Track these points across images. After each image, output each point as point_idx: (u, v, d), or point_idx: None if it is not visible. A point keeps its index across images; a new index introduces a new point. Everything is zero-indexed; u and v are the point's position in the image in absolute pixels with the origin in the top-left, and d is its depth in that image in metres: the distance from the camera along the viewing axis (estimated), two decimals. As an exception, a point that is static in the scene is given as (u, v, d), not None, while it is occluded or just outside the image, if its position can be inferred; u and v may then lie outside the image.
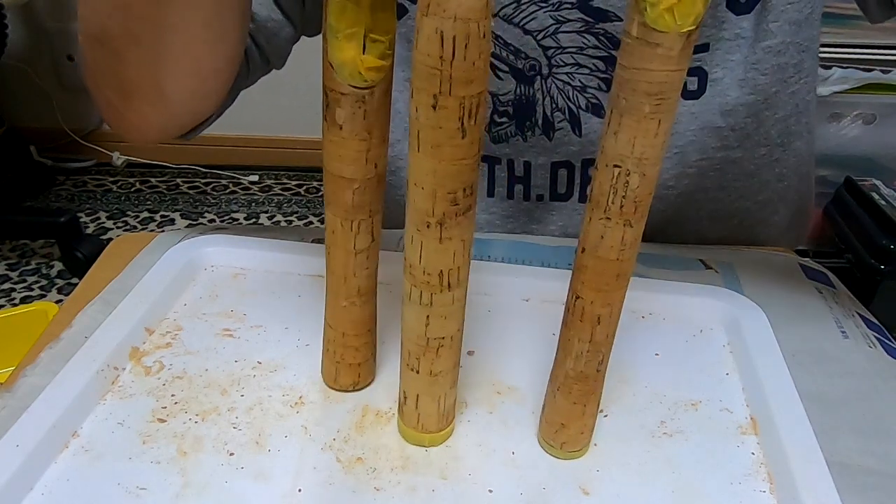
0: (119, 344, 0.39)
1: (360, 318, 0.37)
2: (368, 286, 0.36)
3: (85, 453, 0.34)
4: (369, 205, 0.33)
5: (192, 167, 2.03)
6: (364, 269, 0.35)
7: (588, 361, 0.33)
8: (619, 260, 0.30)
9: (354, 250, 0.34)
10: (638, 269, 0.50)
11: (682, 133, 0.52)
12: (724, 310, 0.44)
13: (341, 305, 0.36)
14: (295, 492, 0.33)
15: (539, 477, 0.34)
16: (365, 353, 0.38)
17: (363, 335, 0.37)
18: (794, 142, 0.56)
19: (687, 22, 0.24)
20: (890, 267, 1.07)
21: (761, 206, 0.58)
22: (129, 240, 0.52)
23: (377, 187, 0.33)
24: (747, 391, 0.39)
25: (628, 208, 0.28)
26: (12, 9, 1.73)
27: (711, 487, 0.34)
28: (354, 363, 0.38)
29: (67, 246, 1.57)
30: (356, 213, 0.33)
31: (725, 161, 0.54)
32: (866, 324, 0.46)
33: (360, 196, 0.32)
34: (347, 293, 0.36)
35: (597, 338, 0.32)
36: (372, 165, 0.32)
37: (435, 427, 0.35)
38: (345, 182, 0.32)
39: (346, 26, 0.28)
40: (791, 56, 0.51)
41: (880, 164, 1.26)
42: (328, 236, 0.34)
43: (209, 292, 0.46)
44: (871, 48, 1.17)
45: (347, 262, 0.35)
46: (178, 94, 0.45)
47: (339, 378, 0.38)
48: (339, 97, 0.30)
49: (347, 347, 0.37)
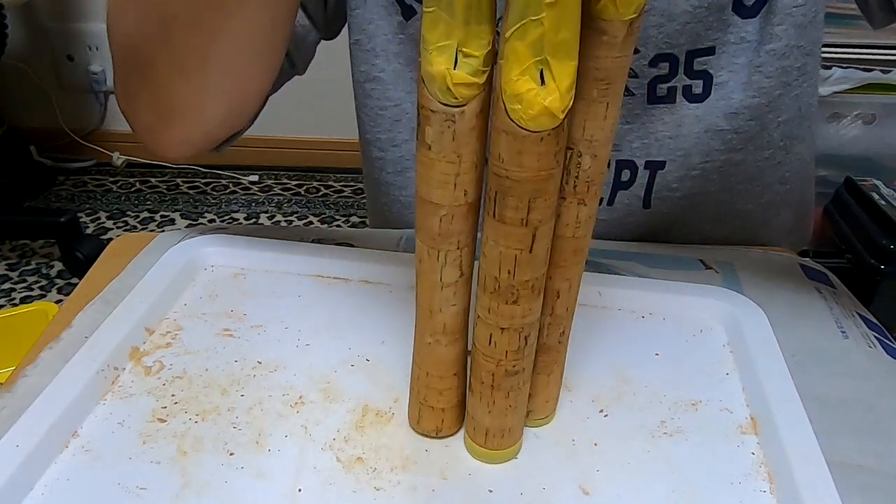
0: (119, 344, 0.39)
1: (444, 359, 0.34)
2: (455, 325, 0.33)
3: (85, 453, 0.34)
4: (458, 235, 0.30)
5: (192, 167, 2.03)
6: (451, 306, 0.33)
7: (550, 334, 0.34)
8: (574, 237, 0.31)
9: (441, 283, 0.32)
10: (638, 269, 0.50)
11: (686, 136, 0.52)
12: (724, 310, 0.44)
13: (426, 342, 0.34)
14: (295, 492, 0.33)
15: (539, 477, 0.34)
16: (450, 398, 0.35)
17: (447, 378, 0.35)
18: (796, 145, 0.56)
19: (629, 11, 0.26)
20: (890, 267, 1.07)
21: (763, 208, 0.58)
22: (129, 240, 0.52)
23: (467, 216, 0.30)
24: (747, 391, 0.39)
25: (581, 188, 0.30)
26: (12, 9, 1.73)
27: (711, 487, 0.34)
28: (438, 407, 0.35)
29: (67, 246, 1.57)
30: (443, 243, 0.31)
31: (728, 164, 0.54)
32: (866, 324, 0.46)
33: (448, 224, 0.30)
34: (433, 329, 0.33)
35: (557, 311, 0.33)
36: (461, 192, 0.29)
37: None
38: (432, 207, 0.30)
39: (438, 39, 0.26)
40: (795, 59, 0.51)
41: (880, 164, 1.26)
42: (416, 265, 0.32)
43: (209, 292, 0.46)
44: (871, 48, 1.17)
45: (433, 296, 0.32)
46: (218, 114, 0.45)
47: (421, 421, 0.36)
48: (429, 114, 0.28)
49: (431, 389, 0.35)
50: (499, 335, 0.31)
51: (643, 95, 0.51)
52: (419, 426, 0.36)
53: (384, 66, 0.55)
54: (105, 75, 1.94)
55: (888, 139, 1.25)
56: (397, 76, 0.55)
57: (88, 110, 2.01)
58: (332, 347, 0.41)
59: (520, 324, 0.31)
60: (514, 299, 0.30)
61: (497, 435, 0.34)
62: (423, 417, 0.36)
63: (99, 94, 1.98)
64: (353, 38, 0.55)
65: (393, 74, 0.55)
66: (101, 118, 2.02)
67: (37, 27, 1.90)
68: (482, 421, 0.34)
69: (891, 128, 1.24)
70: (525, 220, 0.28)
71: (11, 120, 1.88)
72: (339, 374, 0.39)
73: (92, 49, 1.92)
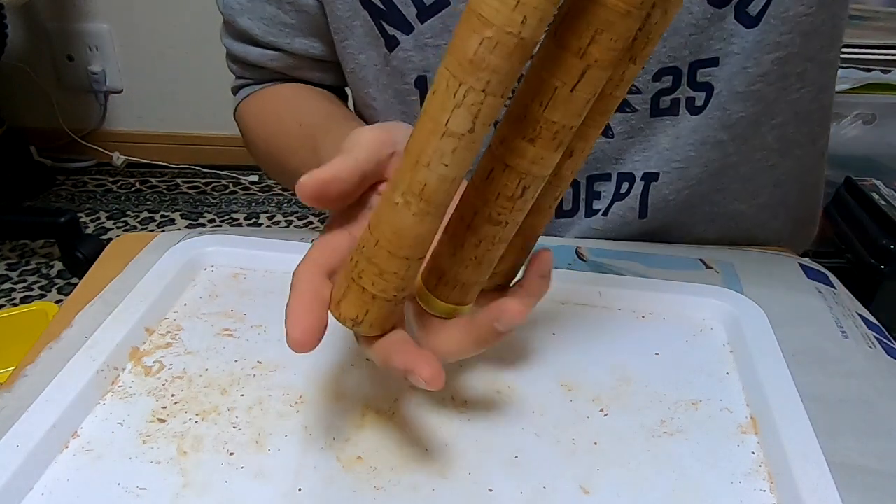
0: (119, 344, 0.39)
1: (406, 230, 0.28)
2: (437, 194, 0.27)
3: (85, 453, 0.34)
4: (492, 73, 0.24)
5: (192, 167, 2.03)
6: (443, 165, 0.26)
7: (546, 194, 0.31)
8: (611, 95, 0.29)
9: (445, 129, 0.26)
10: (638, 269, 0.50)
11: (682, 146, 0.52)
12: (724, 310, 0.44)
13: (393, 201, 0.27)
14: (295, 491, 0.33)
15: (539, 476, 0.34)
16: (387, 287, 0.29)
17: (397, 258, 0.28)
18: (793, 149, 0.56)
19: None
20: (890, 267, 1.07)
21: (758, 209, 0.57)
22: (129, 240, 0.52)
23: (512, 55, 0.24)
24: (747, 391, 0.39)
25: (640, 42, 0.28)
26: (12, 9, 1.73)
27: (711, 487, 0.34)
28: (369, 291, 0.29)
29: (67, 246, 1.57)
30: (470, 76, 0.24)
31: (724, 165, 0.54)
32: (866, 324, 0.46)
33: (487, 52, 0.24)
34: (409, 186, 0.27)
35: (563, 172, 0.31)
36: (520, 16, 0.23)
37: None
38: (477, 22, 0.24)
39: None
40: (795, 65, 0.50)
41: (880, 164, 1.26)
42: (428, 98, 0.26)
43: (209, 292, 0.46)
44: (871, 48, 1.17)
45: (429, 142, 0.26)
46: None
47: (343, 303, 0.30)
48: None
49: (371, 264, 0.28)
50: (500, 171, 0.28)
51: (646, 110, 0.51)
52: (338, 309, 0.30)
53: (376, 94, 0.56)
54: (105, 75, 1.94)
55: (888, 139, 1.25)
56: (388, 106, 0.56)
57: (88, 110, 2.01)
58: (332, 347, 0.41)
59: (526, 168, 0.28)
60: (532, 136, 0.27)
61: (450, 284, 0.31)
62: (347, 299, 0.30)
63: (99, 94, 1.98)
64: (348, 68, 0.56)
65: (385, 104, 0.56)
66: (101, 118, 2.02)
67: (37, 27, 1.90)
68: (441, 261, 0.31)
69: (891, 128, 1.24)
70: (583, 51, 0.25)
71: (11, 120, 1.87)
72: (339, 373, 0.39)
73: (92, 49, 1.92)
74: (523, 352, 0.41)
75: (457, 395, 0.38)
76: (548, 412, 0.38)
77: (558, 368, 0.40)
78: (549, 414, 0.37)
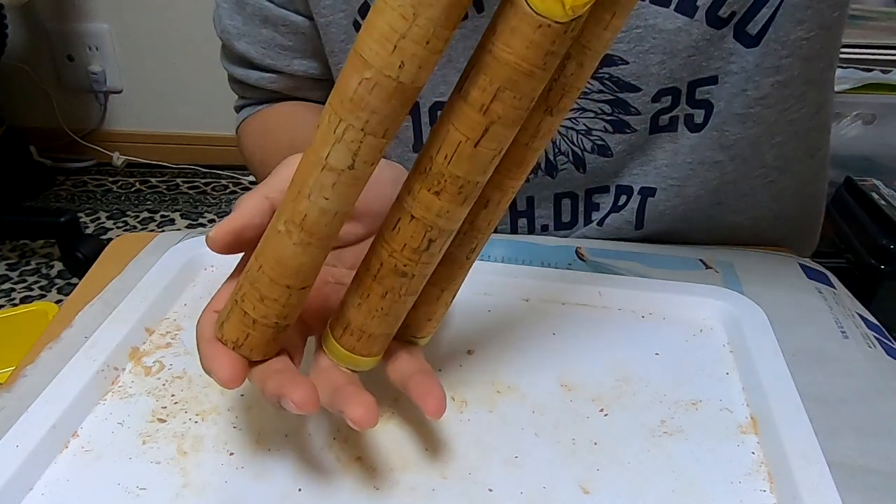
0: (119, 344, 0.39)
1: (287, 260, 0.28)
2: (318, 226, 0.27)
3: (85, 453, 0.34)
4: (371, 113, 0.25)
5: (192, 167, 2.03)
6: (323, 199, 0.26)
7: (461, 245, 0.31)
8: (527, 146, 0.28)
9: (324, 163, 0.26)
10: (638, 270, 0.50)
11: (680, 165, 0.52)
12: (724, 310, 0.44)
13: (277, 229, 0.28)
14: (295, 491, 0.33)
15: (539, 476, 0.34)
16: (268, 313, 0.29)
17: (278, 286, 0.28)
18: (792, 165, 0.55)
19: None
20: (890, 267, 1.07)
21: (755, 221, 0.57)
22: (129, 240, 0.52)
23: (392, 98, 0.25)
24: (747, 391, 0.39)
25: (555, 94, 0.28)
26: (12, 9, 1.73)
27: (711, 487, 0.34)
28: (250, 316, 0.29)
29: (67, 246, 1.57)
30: (349, 113, 0.25)
31: (722, 183, 0.53)
32: (866, 324, 0.46)
33: (366, 92, 0.24)
34: (291, 216, 0.27)
35: (479, 223, 0.30)
36: (398, 60, 0.24)
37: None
38: (359, 63, 0.24)
39: None
40: (795, 88, 0.50)
41: (880, 164, 1.26)
42: (314, 130, 0.27)
43: (209, 292, 0.45)
44: (871, 48, 1.17)
45: (309, 174, 0.26)
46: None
47: (226, 325, 0.30)
48: None
49: (253, 289, 0.29)
50: (406, 223, 0.28)
51: (645, 129, 0.51)
52: (221, 330, 0.30)
53: None
54: (105, 75, 1.94)
55: (888, 139, 1.25)
56: None
57: (88, 110, 2.01)
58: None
59: (431, 221, 0.28)
60: (437, 190, 0.27)
61: (355, 334, 0.31)
62: (230, 321, 0.30)
63: (99, 95, 1.98)
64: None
65: None
66: (101, 118, 2.02)
67: (37, 27, 1.90)
68: (348, 312, 0.31)
69: (891, 128, 1.24)
70: (486, 107, 0.25)
71: (11, 120, 1.88)
72: (339, 373, 0.39)
73: (92, 49, 1.92)
74: (523, 352, 0.41)
75: (457, 395, 0.38)
76: (548, 412, 0.38)
77: (558, 368, 0.40)
78: (549, 414, 0.37)
